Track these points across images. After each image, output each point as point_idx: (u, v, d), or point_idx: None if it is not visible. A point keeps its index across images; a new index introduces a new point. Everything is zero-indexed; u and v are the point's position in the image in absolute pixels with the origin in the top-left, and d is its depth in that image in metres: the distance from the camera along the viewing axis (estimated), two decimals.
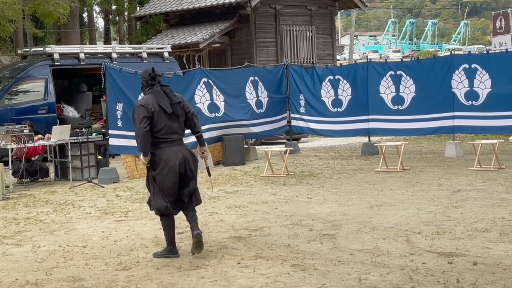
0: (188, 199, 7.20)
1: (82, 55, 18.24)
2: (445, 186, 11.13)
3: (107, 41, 33.54)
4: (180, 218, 9.17)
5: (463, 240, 7.34)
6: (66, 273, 6.74)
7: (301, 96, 17.34)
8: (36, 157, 14.10)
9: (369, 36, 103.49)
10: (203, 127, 15.31)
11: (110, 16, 33.71)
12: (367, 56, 61.66)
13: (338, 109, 16.71)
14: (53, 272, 6.78)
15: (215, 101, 15.78)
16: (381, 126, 16.11)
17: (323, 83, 16.90)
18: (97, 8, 34.77)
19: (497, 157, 13.00)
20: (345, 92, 16.55)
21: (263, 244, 7.53)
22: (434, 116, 15.14)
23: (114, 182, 13.31)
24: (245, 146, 16.32)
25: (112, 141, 13.71)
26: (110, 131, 13.72)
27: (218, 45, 27.04)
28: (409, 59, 17.44)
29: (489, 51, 17.32)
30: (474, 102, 14.64)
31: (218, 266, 6.68)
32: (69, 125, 14.40)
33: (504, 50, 15.67)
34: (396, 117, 15.75)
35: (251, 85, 16.77)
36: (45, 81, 17.64)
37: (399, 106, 15.67)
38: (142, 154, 7.08)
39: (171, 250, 7.17)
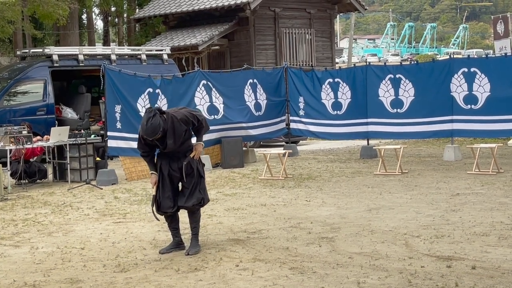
0: None
1: (81, 57, 18.24)
2: (443, 189, 11.13)
3: (106, 42, 33.55)
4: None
5: (461, 244, 7.33)
6: (64, 274, 6.72)
7: (301, 99, 17.33)
8: (35, 158, 14.10)
9: (368, 40, 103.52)
10: None
11: (109, 18, 33.72)
12: (366, 59, 61.66)
13: (338, 112, 16.70)
14: (51, 274, 6.77)
15: (214, 103, 15.78)
16: (380, 129, 16.10)
17: (323, 86, 16.89)
18: (96, 10, 34.78)
19: (495, 161, 13.00)
20: (345, 95, 16.55)
21: (262, 247, 7.52)
22: (433, 120, 15.13)
23: (112, 184, 13.29)
24: (244, 148, 16.31)
25: (111, 143, 13.70)
26: (108, 133, 13.71)
27: (217, 47, 27.04)
28: (408, 63, 17.37)
29: (488, 55, 17.30)
30: (473, 106, 14.63)
31: (217, 269, 6.67)
32: (68, 127, 14.38)
33: (503, 54, 15.66)
34: (395, 120, 15.73)
35: (249, 87, 16.77)
36: (44, 83, 17.63)
37: (398, 110, 15.66)
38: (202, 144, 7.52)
39: (198, 241, 7.55)
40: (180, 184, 7.46)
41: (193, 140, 7.53)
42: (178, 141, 7.24)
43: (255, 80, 16.96)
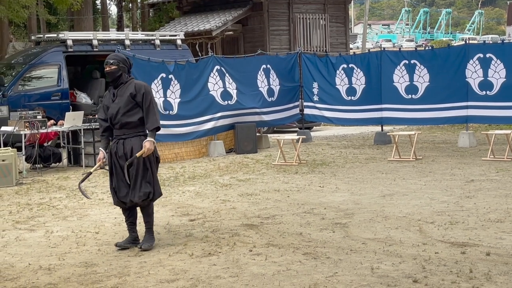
0: None
1: (95, 42, 18.27)
2: (458, 176, 11.08)
3: (120, 28, 33.54)
4: (192, 206, 9.20)
5: (476, 230, 7.31)
6: (78, 258, 6.77)
7: (315, 84, 17.28)
8: (49, 142, 14.16)
9: (382, 25, 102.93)
10: (217, 115, 15.33)
11: (123, 3, 33.69)
12: (380, 45, 61.32)
13: (352, 97, 16.64)
14: (65, 258, 6.81)
15: (227, 88, 15.76)
16: (394, 115, 16.04)
17: (337, 71, 16.83)
18: None
19: (511, 147, 12.91)
20: (359, 80, 16.48)
21: (275, 232, 7.52)
22: (447, 106, 15.06)
23: None
24: (257, 134, 16.30)
25: None
26: None
27: (231, 32, 26.97)
28: (423, 48, 17.24)
29: (504, 41, 17.16)
30: (488, 92, 14.54)
31: (230, 254, 6.69)
32: (82, 112, 14.43)
33: None
34: (409, 106, 15.66)
35: (263, 73, 16.74)
36: (58, 68, 17.69)
37: (413, 95, 15.58)
38: (155, 137, 7.00)
39: (153, 235, 7.19)
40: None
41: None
42: (122, 108, 6.93)
43: (268, 66, 16.93)
